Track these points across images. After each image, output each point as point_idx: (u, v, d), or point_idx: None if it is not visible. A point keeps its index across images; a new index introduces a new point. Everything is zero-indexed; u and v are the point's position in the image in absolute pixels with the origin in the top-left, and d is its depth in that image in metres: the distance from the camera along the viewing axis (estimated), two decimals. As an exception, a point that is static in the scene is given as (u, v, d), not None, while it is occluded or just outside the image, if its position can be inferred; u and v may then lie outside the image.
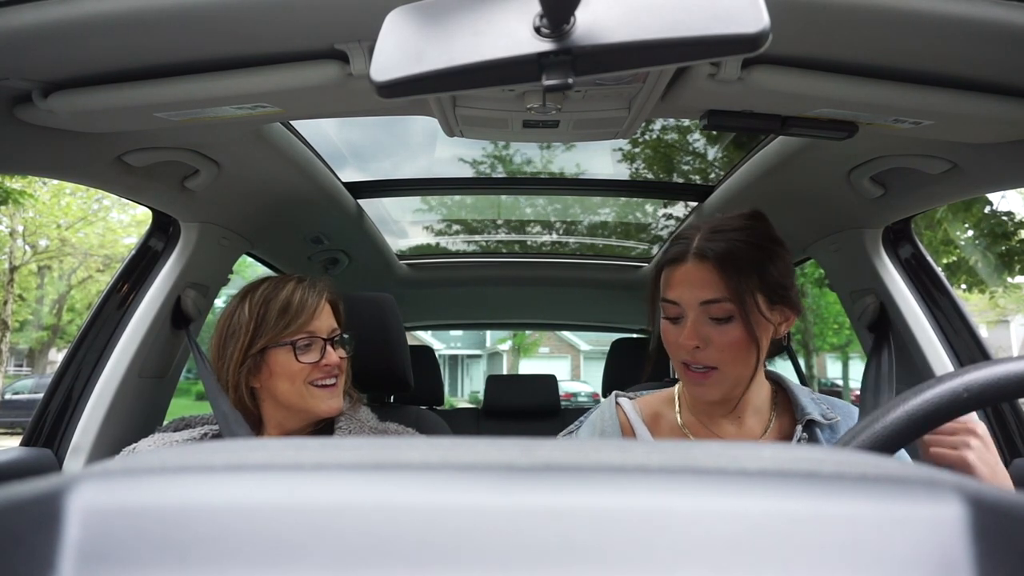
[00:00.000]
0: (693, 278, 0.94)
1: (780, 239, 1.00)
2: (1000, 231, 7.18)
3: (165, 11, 0.79)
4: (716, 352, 0.94)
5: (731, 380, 0.96)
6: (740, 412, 1.03)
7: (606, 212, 2.71)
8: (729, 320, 0.93)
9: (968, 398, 0.49)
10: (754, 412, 1.04)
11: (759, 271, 0.93)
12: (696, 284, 0.94)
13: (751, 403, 1.03)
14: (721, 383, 0.96)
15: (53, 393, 1.48)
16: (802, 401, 1.03)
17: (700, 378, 0.96)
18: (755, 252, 0.94)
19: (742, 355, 0.94)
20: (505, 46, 0.45)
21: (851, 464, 0.24)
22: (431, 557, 0.20)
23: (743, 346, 0.93)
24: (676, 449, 0.26)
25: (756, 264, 0.93)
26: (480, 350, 26.18)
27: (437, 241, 2.84)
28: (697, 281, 0.94)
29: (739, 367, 0.95)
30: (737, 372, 0.95)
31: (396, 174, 2.07)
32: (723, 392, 0.97)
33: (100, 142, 1.16)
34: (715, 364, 0.94)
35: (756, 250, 0.95)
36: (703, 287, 0.93)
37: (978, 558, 0.20)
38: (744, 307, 0.92)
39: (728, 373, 0.95)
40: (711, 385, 0.96)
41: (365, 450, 0.25)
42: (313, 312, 1.19)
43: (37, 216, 14.28)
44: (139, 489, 0.22)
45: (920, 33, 0.81)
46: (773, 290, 0.95)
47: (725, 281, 0.92)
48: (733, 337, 0.93)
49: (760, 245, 0.96)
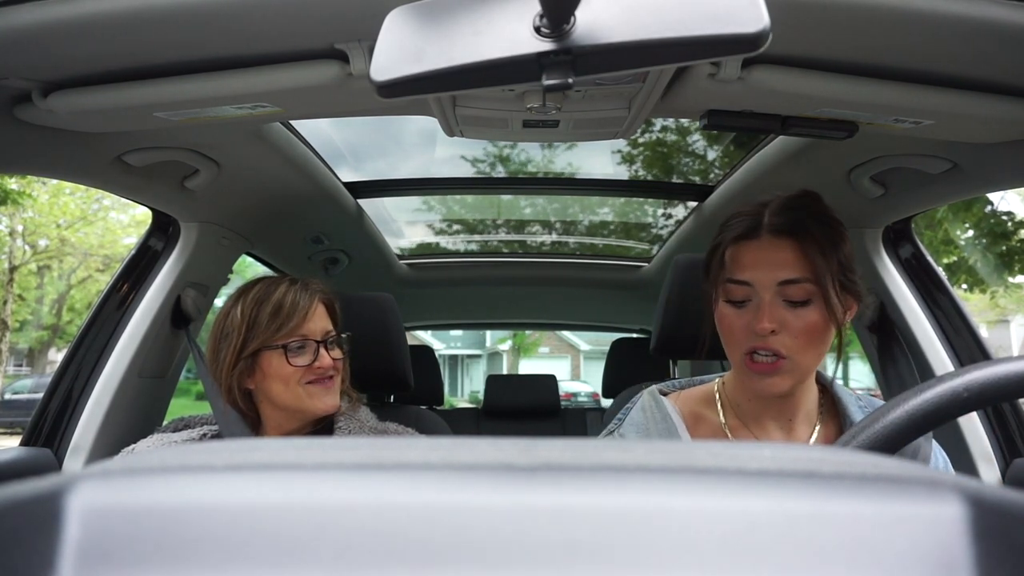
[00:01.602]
0: (770, 256, 0.87)
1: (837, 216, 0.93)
2: (1000, 231, 7.18)
3: (165, 11, 0.79)
4: (790, 338, 0.86)
5: (801, 371, 0.88)
6: (791, 415, 0.95)
7: (606, 212, 2.71)
8: (807, 303, 0.86)
9: (968, 397, 0.49)
10: (804, 416, 0.96)
11: (836, 250, 0.87)
12: (774, 263, 0.87)
13: (802, 406, 0.95)
14: (791, 373, 0.88)
15: (53, 392, 1.48)
16: (850, 410, 0.95)
17: (768, 369, 0.87)
18: (831, 231, 0.88)
19: (815, 342, 0.87)
20: (505, 46, 0.45)
21: (851, 464, 0.24)
22: (431, 557, 0.20)
23: (818, 332, 0.86)
24: (676, 449, 0.26)
25: (833, 244, 0.87)
26: (480, 350, 26.15)
27: (437, 241, 2.84)
28: (775, 259, 0.87)
29: (810, 356, 0.87)
30: (807, 362, 0.88)
31: (396, 174, 2.07)
32: (791, 384, 0.89)
33: (100, 142, 1.16)
34: (786, 352, 0.86)
35: (832, 229, 0.88)
36: (782, 266, 0.86)
37: (978, 558, 0.20)
38: (825, 288, 0.85)
39: (799, 362, 0.87)
40: (781, 375, 0.87)
41: (365, 450, 0.25)
42: (305, 314, 1.18)
43: (36, 216, 14.28)
44: (139, 489, 0.22)
45: (920, 33, 0.81)
46: (845, 274, 0.88)
47: (807, 259, 0.85)
48: (810, 321, 0.86)
49: (834, 225, 0.89)
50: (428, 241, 2.83)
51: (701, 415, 1.00)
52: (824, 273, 0.85)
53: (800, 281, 0.86)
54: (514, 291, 2.96)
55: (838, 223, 0.90)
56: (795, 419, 0.95)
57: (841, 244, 0.88)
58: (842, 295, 0.88)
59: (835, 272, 0.86)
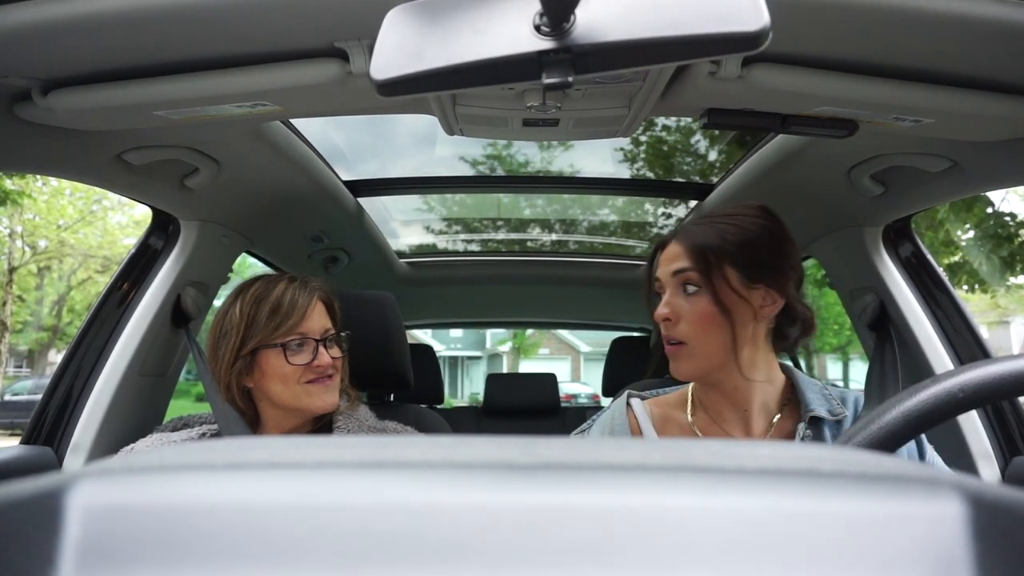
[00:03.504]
0: (669, 254, 1.01)
1: (772, 223, 1.00)
2: (1004, 234, 7.15)
3: (165, 9, 0.79)
4: (686, 324, 0.97)
5: (702, 356, 0.97)
6: (745, 406, 1.01)
7: (606, 212, 2.71)
8: (698, 292, 0.96)
9: (963, 398, 0.49)
10: (761, 408, 1.01)
11: (729, 244, 0.96)
12: (670, 259, 1.00)
13: (756, 396, 1.00)
14: (693, 359, 0.97)
15: (53, 391, 1.48)
16: (808, 396, 1.01)
17: (673, 351, 0.98)
18: (727, 227, 0.98)
19: (711, 329, 0.95)
20: (505, 44, 0.45)
21: (850, 462, 0.24)
22: (431, 556, 0.20)
23: (711, 320, 0.95)
24: (675, 447, 0.26)
25: (724, 236, 0.97)
26: (480, 351, 26.09)
27: (437, 240, 2.84)
28: (671, 256, 1.00)
29: (709, 343, 0.96)
30: (708, 348, 0.96)
31: (396, 173, 2.07)
32: (695, 368, 0.98)
33: (99, 140, 1.16)
34: (681, 337, 0.97)
35: (729, 226, 0.98)
36: (673, 260, 0.99)
37: (978, 556, 0.20)
38: (709, 277, 0.95)
39: (698, 347, 0.96)
40: (683, 360, 0.98)
41: (366, 448, 0.25)
42: (304, 312, 1.17)
43: (36, 217, 14.27)
44: (139, 487, 0.22)
45: (920, 31, 0.81)
46: (750, 267, 0.96)
47: (692, 252, 0.97)
48: (700, 309, 0.96)
49: (736, 223, 0.98)
50: (428, 240, 2.83)
51: (670, 416, 1.07)
52: (709, 263, 0.95)
53: (686, 270, 0.97)
54: (514, 290, 2.96)
55: (752, 223, 0.99)
56: (751, 409, 1.01)
57: (743, 238, 0.97)
58: (753, 288, 0.96)
59: (726, 263, 0.95)
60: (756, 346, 0.98)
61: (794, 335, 1.01)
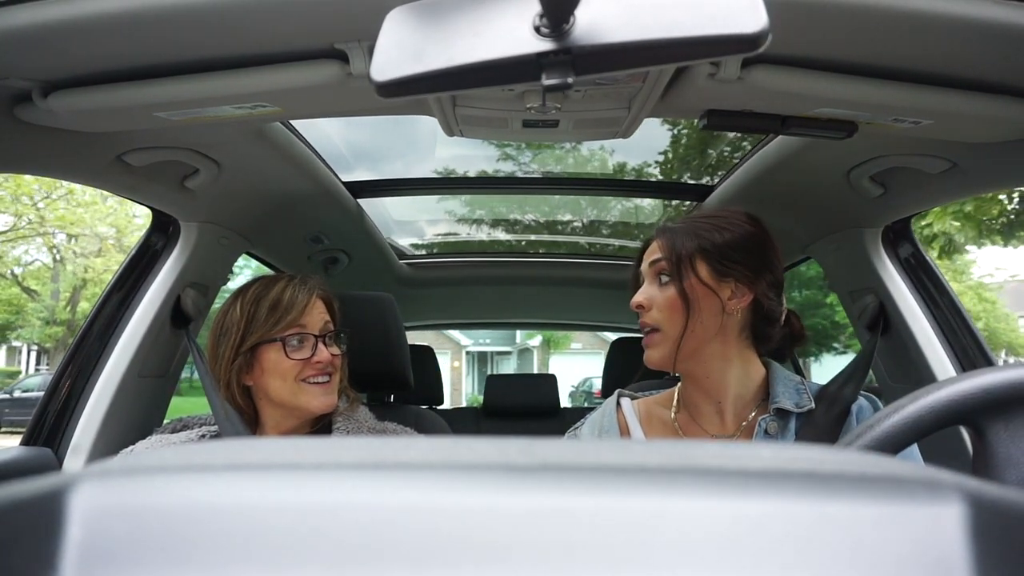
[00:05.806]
0: (651, 249, 1.07)
1: (754, 227, 1.03)
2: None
3: (165, 11, 0.79)
4: (656, 312, 1.02)
5: (670, 342, 1.01)
6: (719, 397, 1.03)
7: (606, 212, 2.71)
8: (669, 281, 1.02)
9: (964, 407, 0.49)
10: (736, 401, 1.03)
11: (703, 240, 1.01)
12: (650, 252, 1.07)
13: (729, 388, 1.03)
14: (662, 345, 1.02)
15: (53, 392, 1.48)
16: (777, 389, 1.03)
17: (647, 340, 1.04)
18: (705, 225, 1.03)
19: (677, 316, 1.00)
20: (505, 46, 0.45)
21: (851, 464, 0.24)
22: (431, 556, 0.20)
23: (678, 305, 1.00)
24: (675, 449, 0.26)
25: (699, 232, 1.02)
26: (510, 347, 25.58)
27: (437, 240, 2.84)
28: (652, 250, 1.07)
29: (674, 328, 1.01)
30: (675, 334, 1.01)
31: (396, 173, 2.07)
32: (663, 355, 1.02)
33: (100, 141, 1.16)
34: (653, 323, 1.02)
35: (708, 224, 1.03)
36: (652, 252, 1.06)
37: (977, 557, 0.20)
38: (677, 266, 1.00)
39: (668, 333, 1.01)
40: (653, 347, 1.03)
41: (365, 450, 0.25)
42: (303, 308, 1.18)
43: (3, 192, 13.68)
44: (140, 488, 0.22)
45: (919, 33, 0.81)
46: (721, 261, 1.00)
47: (666, 244, 1.03)
48: (669, 295, 1.01)
49: (715, 223, 1.03)
50: (428, 241, 2.83)
51: (656, 414, 1.11)
52: (679, 254, 1.01)
53: (659, 260, 1.03)
54: (515, 291, 2.96)
55: (725, 219, 1.03)
56: (724, 401, 1.03)
57: (714, 232, 1.02)
58: (723, 282, 1.00)
59: (695, 255, 1.00)
60: (727, 339, 1.01)
61: (775, 336, 1.04)
